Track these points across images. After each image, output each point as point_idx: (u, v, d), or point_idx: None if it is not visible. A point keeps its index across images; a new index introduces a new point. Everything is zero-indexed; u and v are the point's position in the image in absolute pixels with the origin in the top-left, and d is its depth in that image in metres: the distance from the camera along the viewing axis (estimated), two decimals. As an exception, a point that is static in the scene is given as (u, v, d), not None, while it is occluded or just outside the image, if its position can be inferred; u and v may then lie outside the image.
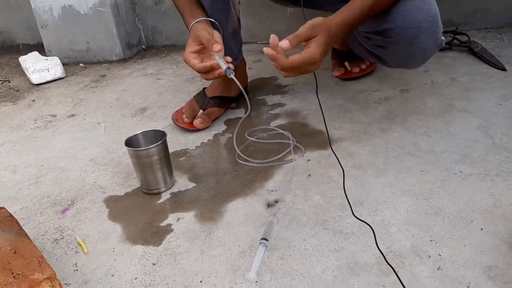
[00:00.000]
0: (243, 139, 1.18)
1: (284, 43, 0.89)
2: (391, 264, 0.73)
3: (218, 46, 0.97)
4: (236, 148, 1.08)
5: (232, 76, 0.96)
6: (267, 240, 0.80)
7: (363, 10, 0.93)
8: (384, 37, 1.03)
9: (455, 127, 1.10)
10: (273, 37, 0.90)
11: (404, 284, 0.69)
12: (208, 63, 0.99)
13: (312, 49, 0.89)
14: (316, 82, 1.13)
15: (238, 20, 1.25)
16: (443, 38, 1.02)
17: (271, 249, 0.80)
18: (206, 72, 1.01)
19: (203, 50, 1.03)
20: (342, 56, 1.46)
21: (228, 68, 0.96)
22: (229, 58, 1.00)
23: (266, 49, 0.90)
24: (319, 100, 1.16)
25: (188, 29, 1.08)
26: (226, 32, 1.09)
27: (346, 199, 0.89)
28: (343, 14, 0.93)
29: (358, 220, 0.84)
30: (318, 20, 0.91)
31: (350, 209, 0.86)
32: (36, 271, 0.69)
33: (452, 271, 0.71)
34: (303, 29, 0.91)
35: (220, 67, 0.98)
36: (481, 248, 0.74)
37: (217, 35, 1.03)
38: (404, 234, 0.79)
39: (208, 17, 1.10)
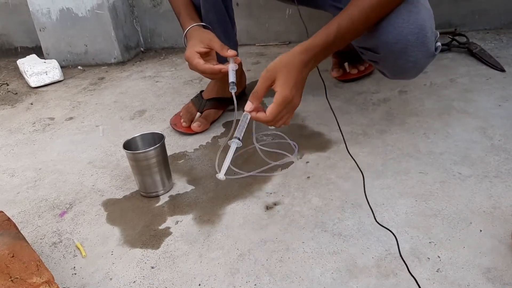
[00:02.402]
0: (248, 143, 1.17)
1: (248, 106, 0.90)
2: (412, 274, 0.72)
3: (232, 51, 0.99)
4: (217, 169, 1.07)
5: (233, 92, 0.97)
6: (239, 139, 0.82)
7: (328, 34, 0.90)
8: (373, 52, 1.02)
9: (454, 129, 1.10)
10: (246, 106, 0.90)
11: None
12: (216, 66, 1.00)
13: (279, 92, 0.87)
14: (325, 87, 1.12)
15: (233, 20, 1.25)
16: (438, 44, 0.99)
17: (270, 251, 0.80)
18: (211, 73, 1.02)
19: (208, 53, 1.04)
20: (343, 56, 1.45)
21: (233, 83, 0.98)
22: (238, 59, 1.02)
23: (247, 111, 0.90)
24: (329, 104, 1.15)
25: (185, 30, 1.09)
26: (219, 33, 1.09)
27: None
28: (315, 38, 0.90)
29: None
30: (274, 62, 0.89)
31: (372, 214, 0.84)
32: (34, 275, 0.68)
33: (452, 273, 0.71)
34: (259, 80, 0.89)
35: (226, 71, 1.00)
36: (480, 250, 0.74)
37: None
38: (403, 236, 0.79)
39: (201, 17, 1.12)
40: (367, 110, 1.25)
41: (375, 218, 0.83)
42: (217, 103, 1.29)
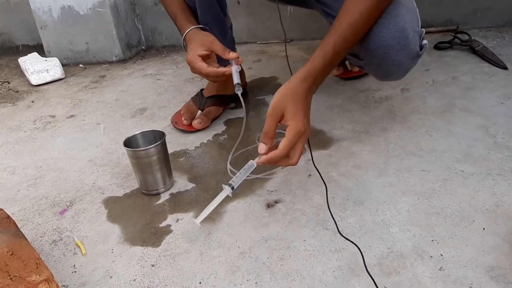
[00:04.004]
0: (248, 140, 1.17)
1: (262, 148, 0.83)
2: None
3: (234, 54, 0.99)
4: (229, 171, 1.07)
5: (239, 93, 0.96)
6: (232, 187, 0.80)
7: (326, 56, 0.87)
8: (357, 58, 1.01)
9: (456, 126, 1.09)
10: (260, 148, 0.84)
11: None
12: (220, 69, 1.00)
13: (292, 126, 0.81)
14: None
15: (228, 17, 1.24)
16: (424, 41, 0.97)
17: (271, 249, 0.79)
18: (215, 76, 1.01)
19: (209, 55, 1.04)
20: (342, 56, 1.45)
21: (238, 84, 0.97)
22: (240, 60, 1.01)
23: (259, 162, 0.85)
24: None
25: (183, 33, 1.08)
26: (215, 33, 1.09)
27: (329, 209, 0.88)
28: (314, 62, 0.87)
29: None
30: (277, 96, 0.84)
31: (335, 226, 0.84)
32: (34, 273, 0.68)
33: (454, 271, 0.70)
34: (267, 120, 0.84)
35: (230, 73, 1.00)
36: (483, 248, 0.74)
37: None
38: (406, 234, 0.78)
39: (197, 19, 1.13)
40: (369, 108, 1.25)
41: (338, 230, 0.81)
42: (218, 101, 1.28)
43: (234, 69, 0.99)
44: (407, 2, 0.96)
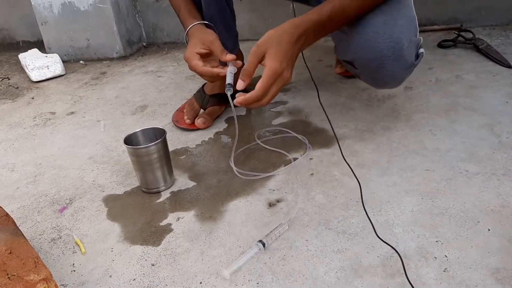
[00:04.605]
0: (249, 138, 1.16)
1: (240, 84, 0.86)
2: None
3: (231, 56, 0.97)
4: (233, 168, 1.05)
5: (228, 94, 0.92)
6: (263, 244, 0.78)
7: (322, 13, 0.88)
8: (352, 66, 1.01)
9: (461, 125, 1.08)
10: (238, 85, 0.87)
11: (410, 287, 0.67)
12: (215, 70, 0.97)
13: (268, 65, 0.84)
14: (317, 88, 1.10)
15: (233, 12, 1.23)
16: (421, 50, 0.96)
17: (273, 249, 0.78)
18: (210, 76, 0.99)
19: (209, 54, 1.01)
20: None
21: (230, 84, 0.93)
22: (239, 63, 0.98)
23: (237, 103, 0.87)
24: (322, 106, 1.13)
25: (186, 28, 1.07)
26: (220, 27, 1.08)
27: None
28: (308, 14, 0.89)
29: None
30: (263, 36, 0.87)
31: (372, 227, 0.80)
32: (32, 272, 0.67)
33: (459, 273, 0.69)
34: (249, 57, 0.87)
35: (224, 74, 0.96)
36: (489, 250, 0.73)
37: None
38: (409, 235, 0.77)
39: (201, 13, 1.11)
40: (371, 107, 1.23)
41: (376, 233, 0.78)
42: (221, 99, 1.27)
43: (229, 70, 0.96)
44: (406, 10, 0.95)
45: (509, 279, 0.67)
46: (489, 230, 0.76)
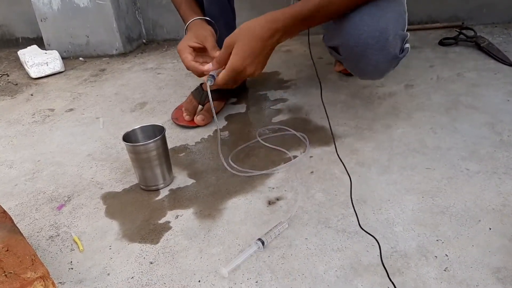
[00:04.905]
0: (249, 136, 1.15)
1: (206, 66, 0.91)
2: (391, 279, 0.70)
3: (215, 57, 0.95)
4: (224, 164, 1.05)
5: (208, 83, 0.92)
6: (263, 242, 0.77)
7: (302, 9, 0.87)
8: (337, 52, 1.00)
9: (462, 124, 1.08)
10: (207, 67, 0.92)
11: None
12: (200, 66, 0.96)
13: (230, 61, 0.87)
14: (321, 85, 1.09)
15: (234, 11, 1.22)
16: (406, 45, 0.96)
17: (272, 248, 0.77)
18: (195, 72, 0.98)
19: (202, 49, 1.01)
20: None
21: (212, 76, 0.92)
22: None
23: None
24: (323, 103, 1.13)
25: (186, 22, 1.07)
26: (220, 25, 1.07)
27: (350, 201, 0.86)
28: (289, 8, 0.88)
29: (362, 219, 0.81)
30: (237, 28, 0.88)
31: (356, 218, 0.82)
32: (29, 269, 0.66)
33: (460, 272, 0.68)
34: (222, 48, 0.89)
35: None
36: (490, 249, 0.72)
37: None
38: (410, 234, 0.77)
39: (202, 9, 1.10)
40: (372, 104, 1.23)
41: (359, 223, 0.80)
42: (219, 95, 1.26)
43: (205, 67, 0.95)
44: (396, 4, 0.94)
45: (510, 279, 0.66)
46: (490, 229, 0.76)
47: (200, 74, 0.98)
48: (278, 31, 0.87)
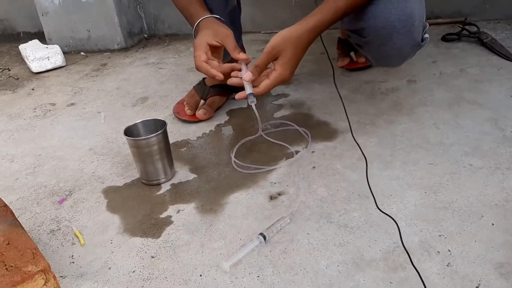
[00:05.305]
0: (251, 131, 1.15)
1: (247, 76, 0.89)
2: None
3: (244, 55, 0.95)
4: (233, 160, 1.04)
5: (253, 105, 0.91)
6: (264, 237, 0.77)
7: (337, 11, 0.88)
8: (360, 36, 0.99)
9: (465, 119, 1.07)
10: (246, 75, 0.90)
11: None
12: (212, 71, 0.93)
13: (279, 72, 0.89)
14: (334, 74, 1.09)
15: (239, 6, 1.22)
16: (426, 35, 0.97)
17: (274, 242, 0.77)
18: (206, 73, 0.95)
19: (219, 48, 0.99)
20: (347, 46, 1.42)
21: (251, 94, 0.90)
22: (250, 61, 0.96)
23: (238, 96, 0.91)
24: (339, 92, 1.12)
25: (197, 20, 1.02)
26: (226, 23, 1.06)
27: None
28: (324, 14, 0.89)
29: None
30: (278, 37, 0.88)
31: (374, 202, 0.83)
32: (30, 263, 0.66)
33: (462, 267, 0.68)
34: (262, 56, 0.89)
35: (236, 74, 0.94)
36: (492, 244, 0.72)
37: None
38: (412, 229, 0.76)
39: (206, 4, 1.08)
40: (375, 100, 1.22)
41: (376, 205, 0.81)
42: (221, 90, 1.26)
43: (244, 78, 0.90)
44: None
45: (513, 274, 0.66)
46: (493, 224, 0.75)
47: (211, 76, 0.95)
48: (314, 39, 0.90)
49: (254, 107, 0.92)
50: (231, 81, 0.93)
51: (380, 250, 0.73)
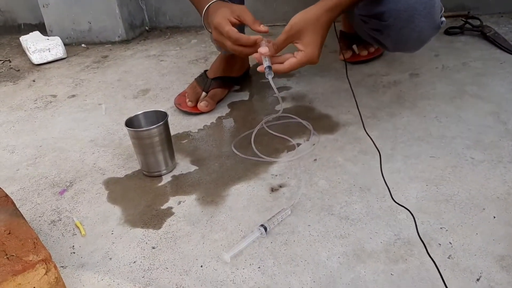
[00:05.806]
0: (252, 123, 1.15)
1: (263, 49, 0.88)
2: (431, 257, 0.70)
3: (265, 27, 0.93)
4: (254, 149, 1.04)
5: (270, 78, 0.88)
6: (265, 228, 0.77)
7: None
8: (379, 20, 0.98)
9: (467, 113, 1.07)
10: (264, 50, 0.88)
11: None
12: (252, 36, 0.90)
13: (306, 52, 0.88)
14: (346, 65, 1.08)
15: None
16: (443, 19, 0.97)
17: (275, 234, 0.77)
18: (244, 44, 0.91)
19: (236, 26, 0.95)
20: (350, 39, 1.42)
21: (269, 67, 0.88)
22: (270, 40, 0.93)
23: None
24: (350, 84, 1.12)
25: (206, 5, 0.98)
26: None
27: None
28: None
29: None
30: (298, 18, 0.87)
31: (389, 193, 0.83)
32: (31, 252, 0.66)
33: (464, 260, 0.68)
34: (282, 35, 0.88)
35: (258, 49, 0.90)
36: (494, 237, 0.71)
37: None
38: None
39: None
40: (377, 93, 1.22)
41: (391, 197, 0.82)
42: (223, 82, 1.25)
43: (261, 51, 0.88)
44: None
45: (514, 267, 0.66)
46: (494, 217, 0.75)
47: (251, 45, 0.91)
48: (334, 19, 0.90)
49: (271, 81, 0.89)
50: (253, 55, 0.93)
51: (381, 242, 0.73)
